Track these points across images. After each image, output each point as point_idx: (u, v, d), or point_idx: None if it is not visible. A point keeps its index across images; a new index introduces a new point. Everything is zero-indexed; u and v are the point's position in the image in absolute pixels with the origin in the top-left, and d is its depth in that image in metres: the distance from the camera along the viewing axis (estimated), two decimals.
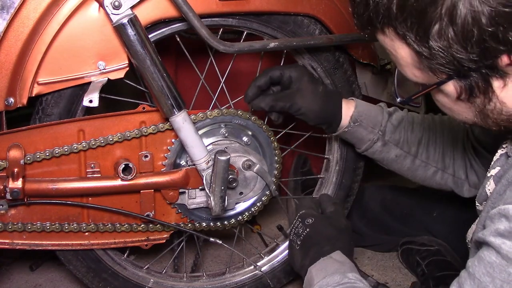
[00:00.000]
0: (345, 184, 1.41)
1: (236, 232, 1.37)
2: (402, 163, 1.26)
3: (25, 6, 1.03)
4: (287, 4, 1.18)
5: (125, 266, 1.30)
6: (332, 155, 1.39)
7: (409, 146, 1.25)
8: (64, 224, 1.17)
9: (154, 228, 1.24)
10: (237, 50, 1.13)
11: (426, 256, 1.47)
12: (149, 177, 1.18)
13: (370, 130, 1.22)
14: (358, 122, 1.22)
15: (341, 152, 1.37)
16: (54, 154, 1.11)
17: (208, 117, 1.19)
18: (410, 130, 1.25)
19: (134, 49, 1.05)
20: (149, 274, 1.33)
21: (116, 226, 1.20)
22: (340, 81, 1.31)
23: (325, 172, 1.42)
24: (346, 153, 1.37)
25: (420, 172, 1.28)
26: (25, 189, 1.09)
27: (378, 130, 1.23)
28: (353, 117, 1.22)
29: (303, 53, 1.27)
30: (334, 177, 1.40)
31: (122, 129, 1.15)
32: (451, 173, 1.26)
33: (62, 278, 1.51)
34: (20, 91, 1.06)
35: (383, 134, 1.23)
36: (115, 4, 1.03)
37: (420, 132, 1.25)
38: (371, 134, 1.23)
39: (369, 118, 1.22)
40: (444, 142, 1.26)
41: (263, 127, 1.25)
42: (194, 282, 1.36)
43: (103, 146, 1.14)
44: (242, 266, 1.41)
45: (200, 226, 1.27)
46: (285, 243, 1.41)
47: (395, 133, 1.24)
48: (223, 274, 1.39)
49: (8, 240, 1.15)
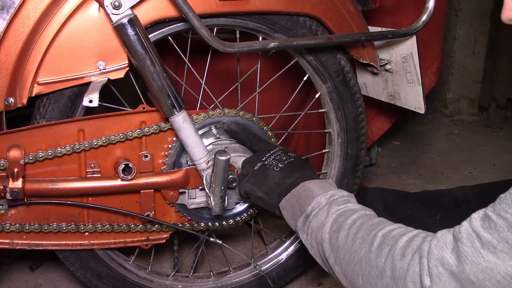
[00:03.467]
0: (351, 154, 1.39)
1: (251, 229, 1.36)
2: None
3: (25, 6, 1.03)
4: (287, 4, 1.18)
5: (150, 279, 1.32)
6: (332, 128, 1.38)
7: None
8: (64, 224, 1.17)
9: (154, 228, 1.24)
10: (237, 50, 1.12)
11: None
12: (149, 177, 1.18)
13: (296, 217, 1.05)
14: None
15: (340, 124, 1.35)
16: (56, 154, 1.11)
17: (195, 121, 1.19)
18: None
19: (134, 49, 1.05)
20: (176, 281, 1.35)
21: (116, 226, 1.20)
22: (342, 83, 1.31)
23: (329, 146, 1.41)
24: (346, 124, 1.36)
25: None
26: (25, 189, 1.09)
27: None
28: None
29: (304, 53, 1.27)
30: (339, 150, 1.38)
31: (122, 129, 1.15)
32: None
33: (62, 278, 1.51)
34: (20, 91, 1.06)
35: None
36: (115, 4, 1.03)
37: None
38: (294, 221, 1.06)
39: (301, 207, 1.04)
40: None
41: (253, 119, 1.24)
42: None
43: (104, 146, 1.14)
44: (243, 265, 1.41)
45: (199, 226, 1.27)
46: (286, 242, 1.41)
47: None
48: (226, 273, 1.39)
49: (8, 240, 1.15)
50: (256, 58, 1.30)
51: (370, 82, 1.45)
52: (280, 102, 1.44)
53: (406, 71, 1.31)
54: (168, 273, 1.37)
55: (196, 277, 1.39)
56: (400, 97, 1.37)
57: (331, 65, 1.29)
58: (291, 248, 1.43)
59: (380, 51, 1.36)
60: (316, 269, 1.57)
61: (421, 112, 1.33)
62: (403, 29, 1.24)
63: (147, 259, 1.37)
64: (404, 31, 1.24)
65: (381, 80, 1.41)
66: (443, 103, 3.01)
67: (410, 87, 1.32)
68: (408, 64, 1.30)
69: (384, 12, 1.57)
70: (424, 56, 1.40)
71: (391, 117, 1.78)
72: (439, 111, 3.02)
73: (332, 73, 1.30)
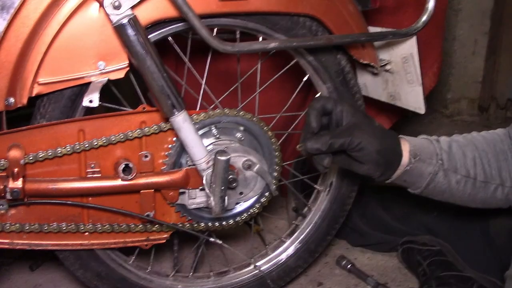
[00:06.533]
0: None
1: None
2: (463, 189, 1.19)
3: (25, 6, 1.03)
4: (287, 4, 1.18)
5: (150, 279, 1.32)
6: None
7: (467, 170, 1.18)
8: (64, 224, 1.17)
9: (154, 228, 1.24)
10: (237, 51, 1.12)
11: (428, 256, 1.46)
12: (149, 177, 1.18)
13: (428, 162, 1.15)
14: (418, 156, 1.14)
15: None
16: (56, 154, 1.11)
17: (195, 121, 1.18)
18: (461, 153, 1.19)
19: (134, 49, 1.05)
20: (176, 281, 1.35)
21: (116, 226, 1.21)
22: (342, 83, 1.31)
23: None
24: None
25: (481, 194, 1.21)
26: (25, 189, 1.09)
27: (436, 161, 1.16)
28: (412, 151, 1.14)
29: (304, 54, 1.27)
30: None
31: (122, 129, 1.15)
32: (510, 185, 1.20)
33: (62, 278, 1.51)
34: (20, 91, 1.06)
35: (442, 164, 1.16)
36: (115, 4, 1.03)
37: (471, 152, 1.20)
38: (430, 167, 1.15)
39: (424, 150, 1.16)
40: (496, 157, 1.20)
41: (254, 120, 1.24)
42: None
43: (104, 146, 1.14)
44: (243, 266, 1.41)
45: (199, 226, 1.27)
46: (286, 242, 1.41)
47: (450, 160, 1.17)
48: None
49: (8, 240, 1.15)
50: (256, 58, 1.30)
51: (370, 83, 1.45)
52: (280, 102, 1.44)
53: (406, 72, 1.31)
54: (168, 273, 1.37)
55: (196, 277, 1.39)
56: (401, 98, 1.37)
57: (331, 66, 1.29)
58: (291, 249, 1.43)
59: (380, 51, 1.36)
60: (316, 270, 1.58)
61: (422, 112, 1.33)
62: (403, 29, 1.24)
63: (147, 259, 1.37)
64: (404, 32, 1.24)
65: (381, 80, 1.41)
66: (443, 103, 3.01)
67: (411, 87, 1.32)
68: (408, 64, 1.30)
69: (384, 12, 1.56)
70: (424, 57, 1.40)
71: (391, 117, 1.78)
72: (439, 111, 3.01)
73: (332, 74, 1.30)
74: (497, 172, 1.21)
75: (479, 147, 1.22)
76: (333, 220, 1.43)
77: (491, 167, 1.21)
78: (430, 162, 1.16)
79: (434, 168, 1.16)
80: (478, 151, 1.21)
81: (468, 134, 1.26)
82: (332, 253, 1.66)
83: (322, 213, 1.42)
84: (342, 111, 1.09)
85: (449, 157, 1.18)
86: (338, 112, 1.10)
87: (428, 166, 1.16)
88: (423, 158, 1.15)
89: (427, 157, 1.16)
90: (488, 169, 1.20)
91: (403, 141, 1.16)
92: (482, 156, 1.21)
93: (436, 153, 1.17)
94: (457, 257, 1.46)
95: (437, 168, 1.16)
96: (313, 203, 1.45)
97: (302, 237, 1.43)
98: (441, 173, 1.17)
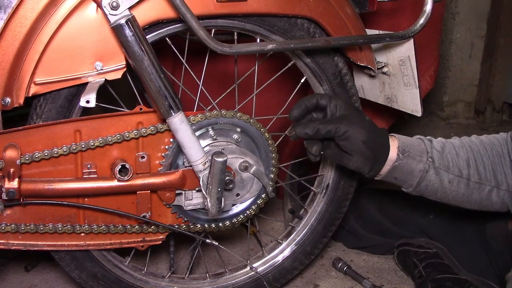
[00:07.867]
0: None
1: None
2: (456, 189, 1.22)
3: (23, 5, 1.02)
4: (285, 6, 1.18)
5: (146, 280, 1.32)
6: None
7: (459, 169, 1.21)
8: (60, 224, 1.16)
9: (150, 229, 1.24)
10: (235, 52, 1.12)
11: (424, 258, 1.47)
12: (145, 178, 1.17)
13: (418, 159, 1.18)
14: (406, 153, 1.17)
15: None
16: (52, 154, 1.11)
17: (192, 122, 1.18)
18: (455, 153, 1.22)
19: (131, 49, 1.05)
20: (172, 282, 1.35)
21: (112, 227, 1.20)
22: (339, 86, 1.31)
23: None
24: None
25: (475, 195, 1.23)
26: (21, 189, 1.08)
27: (426, 158, 1.19)
28: (400, 147, 1.17)
29: (301, 55, 1.27)
30: None
31: (119, 129, 1.15)
32: (506, 189, 1.22)
33: (57, 278, 1.51)
34: (17, 91, 1.06)
35: (433, 161, 1.19)
36: (113, 4, 1.03)
37: (465, 154, 1.22)
38: (420, 164, 1.18)
39: (414, 147, 1.19)
40: (491, 160, 1.23)
41: (251, 121, 1.24)
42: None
43: (101, 147, 1.14)
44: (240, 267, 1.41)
45: (195, 227, 1.27)
46: (283, 244, 1.41)
47: (442, 158, 1.20)
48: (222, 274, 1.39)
49: (3, 240, 1.15)
50: (253, 60, 1.30)
51: (367, 85, 1.45)
52: (277, 104, 1.44)
53: (403, 74, 1.32)
54: (164, 275, 1.37)
55: (192, 278, 1.39)
56: (397, 100, 1.37)
57: (328, 68, 1.29)
58: (287, 250, 1.43)
59: (378, 53, 1.36)
60: (312, 271, 1.58)
61: (418, 115, 1.33)
62: (401, 32, 1.25)
63: (143, 260, 1.37)
64: (402, 34, 1.25)
65: (378, 82, 1.41)
66: (439, 106, 3.02)
67: (407, 90, 1.32)
68: (405, 67, 1.30)
69: (381, 15, 1.57)
70: (421, 59, 1.41)
71: (388, 119, 1.78)
72: (436, 114, 3.02)
73: (329, 76, 1.30)
74: (491, 174, 1.22)
75: (474, 149, 1.24)
76: (329, 222, 1.43)
77: (486, 169, 1.22)
78: (420, 160, 1.18)
79: (424, 165, 1.18)
80: (473, 152, 1.23)
81: (465, 137, 1.28)
82: (328, 255, 1.66)
83: (319, 215, 1.43)
84: (336, 105, 1.16)
85: (441, 156, 1.20)
86: (332, 107, 1.16)
87: (418, 163, 1.18)
88: (412, 155, 1.18)
89: (417, 154, 1.18)
90: (482, 170, 1.22)
91: (392, 137, 1.20)
92: (476, 157, 1.23)
93: (426, 151, 1.19)
94: (453, 260, 1.46)
95: (427, 165, 1.19)
96: (309, 205, 1.45)
97: (298, 239, 1.43)
98: (432, 171, 1.19)
